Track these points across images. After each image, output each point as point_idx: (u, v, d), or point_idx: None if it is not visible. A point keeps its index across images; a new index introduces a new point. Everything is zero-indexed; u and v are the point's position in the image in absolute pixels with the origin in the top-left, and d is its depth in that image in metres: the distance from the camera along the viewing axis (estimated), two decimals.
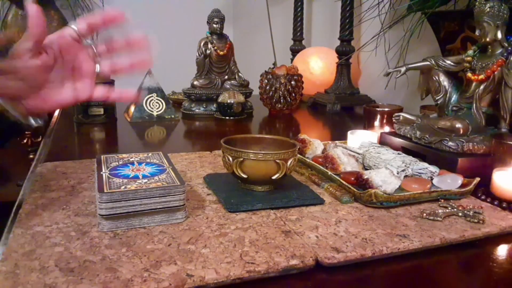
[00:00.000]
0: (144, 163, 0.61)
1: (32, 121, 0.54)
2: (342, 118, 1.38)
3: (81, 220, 0.53)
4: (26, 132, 1.93)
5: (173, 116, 1.25)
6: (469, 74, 0.80)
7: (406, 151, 0.81)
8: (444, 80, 0.84)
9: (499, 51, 0.77)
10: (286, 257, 0.45)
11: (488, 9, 0.75)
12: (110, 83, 1.18)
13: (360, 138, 0.83)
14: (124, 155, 0.65)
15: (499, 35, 0.76)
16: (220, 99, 1.26)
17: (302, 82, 1.37)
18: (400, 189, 0.63)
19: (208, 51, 1.34)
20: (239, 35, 2.68)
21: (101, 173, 0.57)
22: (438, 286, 0.44)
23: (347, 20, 1.45)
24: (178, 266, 0.43)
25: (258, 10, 2.11)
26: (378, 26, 1.22)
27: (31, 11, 0.47)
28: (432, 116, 0.87)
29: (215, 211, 0.57)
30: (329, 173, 0.68)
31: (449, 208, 0.58)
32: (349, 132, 0.86)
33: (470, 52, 0.81)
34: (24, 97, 0.52)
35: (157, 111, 1.23)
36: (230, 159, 0.61)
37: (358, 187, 0.62)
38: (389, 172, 0.63)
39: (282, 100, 1.34)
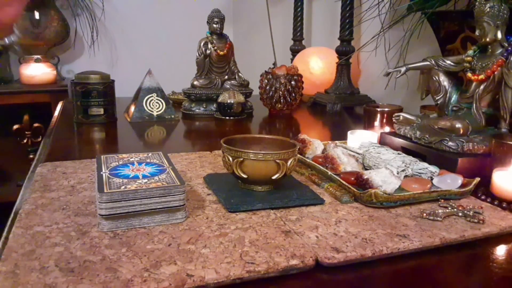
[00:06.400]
0: (144, 163, 0.61)
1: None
2: (342, 118, 1.38)
3: (81, 220, 0.53)
4: (26, 132, 1.93)
5: (173, 116, 1.24)
6: (469, 74, 0.80)
7: (406, 151, 0.81)
8: (444, 80, 0.84)
9: (499, 51, 0.77)
10: (286, 257, 0.45)
11: (488, 9, 0.75)
12: (110, 82, 1.18)
13: (360, 138, 0.83)
14: (124, 155, 0.65)
15: (499, 35, 0.76)
16: (220, 99, 1.26)
17: (302, 82, 1.37)
18: (400, 189, 0.63)
19: (208, 51, 1.33)
20: (239, 35, 2.68)
21: (101, 173, 0.57)
22: (438, 286, 0.44)
23: (347, 20, 1.45)
24: (178, 266, 0.43)
25: (258, 10, 2.12)
26: (378, 26, 1.22)
27: None
28: (432, 116, 0.87)
29: (215, 211, 0.57)
30: (329, 173, 0.68)
31: (449, 208, 0.58)
32: (349, 132, 0.86)
33: (470, 52, 0.81)
34: None
35: (157, 111, 1.23)
36: (230, 159, 0.61)
37: (358, 187, 0.62)
38: (389, 172, 0.63)
39: (282, 100, 1.34)
